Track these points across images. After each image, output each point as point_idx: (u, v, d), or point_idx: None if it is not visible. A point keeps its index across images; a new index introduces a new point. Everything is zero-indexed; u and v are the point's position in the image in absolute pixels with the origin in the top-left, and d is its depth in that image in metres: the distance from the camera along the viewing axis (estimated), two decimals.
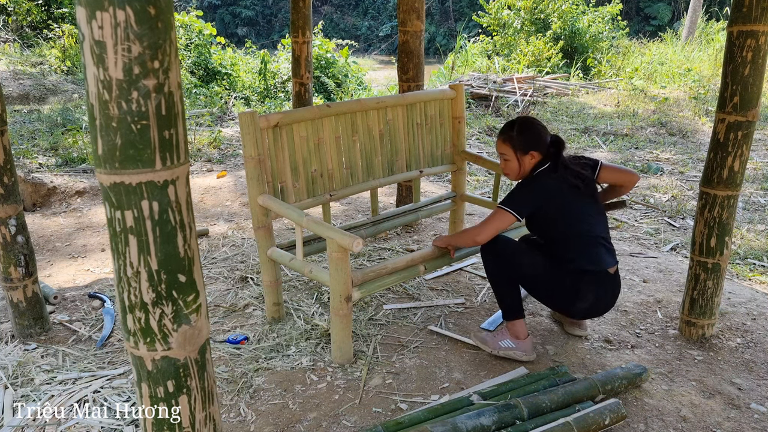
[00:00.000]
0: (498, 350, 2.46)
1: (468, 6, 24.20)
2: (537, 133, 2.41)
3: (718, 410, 2.20)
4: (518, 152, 2.41)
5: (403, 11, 3.69)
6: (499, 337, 2.48)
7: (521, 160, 2.41)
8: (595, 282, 2.32)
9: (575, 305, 2.38)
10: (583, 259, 2.33)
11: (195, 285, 1.09)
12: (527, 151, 2.39)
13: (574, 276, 2.32)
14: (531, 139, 2.39)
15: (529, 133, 2.41)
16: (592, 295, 2.34)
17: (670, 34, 13.66)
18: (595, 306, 2.40)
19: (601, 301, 2.39)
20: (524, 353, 2.44)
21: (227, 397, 2.23)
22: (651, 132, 7.51)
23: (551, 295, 2.42)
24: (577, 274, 2.32)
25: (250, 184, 2.51)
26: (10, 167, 2.48)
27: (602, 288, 2.36)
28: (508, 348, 2.45)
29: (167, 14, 0.94)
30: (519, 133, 2.41)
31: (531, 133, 2.41)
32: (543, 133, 2.42)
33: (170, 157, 0.99)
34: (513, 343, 2.44)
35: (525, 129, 2.42)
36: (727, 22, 2.37)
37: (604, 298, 2.39)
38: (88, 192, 4.73)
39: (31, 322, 2.65)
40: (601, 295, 2.37)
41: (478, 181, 5.65)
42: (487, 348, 2.49)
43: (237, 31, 25.95)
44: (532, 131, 2.41)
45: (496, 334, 2.51)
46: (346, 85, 10.08)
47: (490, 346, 2.48)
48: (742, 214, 4.63)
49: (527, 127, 2.43)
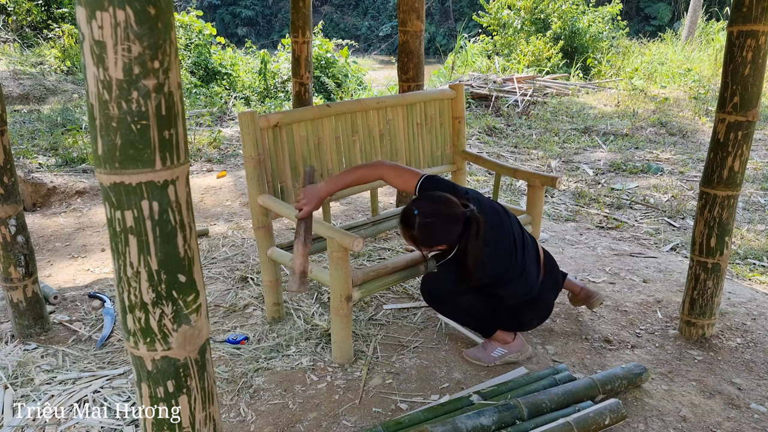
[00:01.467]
0: (493, 361, 2.46)
1: (468, 6, 24.19)
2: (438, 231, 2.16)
3: (718, 410, 2.20)
4: (423, 248, 2.29)
5: (403, 11, 3.69)
6: (490, 348, 2.48)
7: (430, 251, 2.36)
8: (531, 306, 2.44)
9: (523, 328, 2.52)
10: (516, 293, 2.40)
11: (195, 285, 1.09)
12: (433, 247, 2.26)
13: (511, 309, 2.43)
14: (433, 239, 2.20)
15: (429, 232, 2.17)
16: (534, 317, 2.49)
17: (670, 34, 13.66)
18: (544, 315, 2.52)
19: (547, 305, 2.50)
20: (518, 353, 2.46)
21: (227, 397, 2.23)
22: (651, 132, 7.51)
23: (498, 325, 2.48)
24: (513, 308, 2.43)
25: (250, 184, 2.51)
26: (10, 167, 2.48)
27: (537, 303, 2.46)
28: (502, 355, 2.46)
29: (167, 14, 0.94)
30: (419, 233, 2.17)
31: (431, 233, 2.17)
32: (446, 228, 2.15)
33: (170, 157, 0.99)
34: (504, 349, 2.46)
35: (423, 230, 2.15)
36: (727, 22, 2.37)
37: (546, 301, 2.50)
38: (88, 192, 4.73)
39: (31, 322, 2.65)
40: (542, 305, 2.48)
41: (478, 181, 5.65)
42: (482, 363, 2.47)
43: (237, 31, 25.95)
44: (433, 230, 2.16)
45: (485, 346, 2.49)
46: (346, 85, 10.07)
47: (484, 360, 2.47)
48: (742, 214, 4.63)
49: (425, 228, 2.15)
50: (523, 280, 2.37)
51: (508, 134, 7.53)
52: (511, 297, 2.40)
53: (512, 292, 2.38)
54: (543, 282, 2.45)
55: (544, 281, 2.46)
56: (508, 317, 2.44)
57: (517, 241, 2.35)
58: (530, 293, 2.40)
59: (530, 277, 2.40)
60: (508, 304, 2.42)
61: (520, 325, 2.48)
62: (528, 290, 2.39)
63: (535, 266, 2.42)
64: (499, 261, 2.29)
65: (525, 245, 2.38)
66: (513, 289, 2.38)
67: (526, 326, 2.51)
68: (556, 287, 2.56)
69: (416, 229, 2.16)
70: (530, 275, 2.40)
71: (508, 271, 2.32)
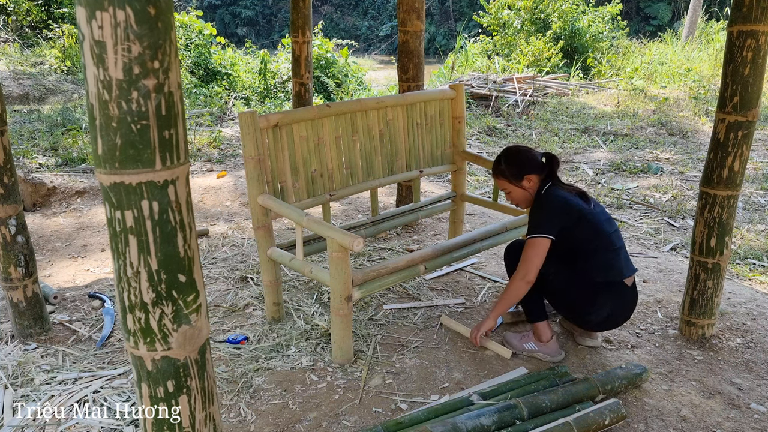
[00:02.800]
0: (522, 352, 2.50)
1: (468, 6, 24.19)
2: (524, 158, 2.44)
3: (718, 410, 2.20)
4: (514, 182, 2.44)
5: (403, 11, 3.69)
6: (525, 339, 2.51)
7: (521, 187, 2.44)
8: (612, 294, 2.34)
9: (591, 316, 2.39)
10: (602, 271, 2.33)
11: (195, 285, 1.09)
12: (522, 177, 2.42)
13: (593, 287, 2.34)
14: (520, 166, 2.42)
15: (516, 160, 2.44)
16: (608, 307, 2.36)
17: (670, 34, 13.66)
18: (612, 318, 2.41)
19: (617, 312, 2.40)
20: (548, 355, 2.46)
21: (227, 397, 2.23)
22: (651, 132, 7.51)
23: (569, 305, 2.44)
24: (595, 286, 2.33)
25: (250, 184, 2.51)
26: (10, 167, 2.48)
27: (619, 300, 2.37)
28: (532, 350, 2.48)
29: (167, 14, 0.94)
30: (507, 165, 2.45)
31: (518, 160, 2.44)
32: (531, 156, 2.44)
33: (170, 157, 0.99)
34: (536, 346, 2.47)
35: (511, 158, 2.46)
36: (727, 22, 2.37)
37: (621, 309, 2.40)
38: (88, 192, 4.73)
39: (31, 322, 2.65)
40: (618, 307, 2.38)
41: (478, 181, 5.65)
42: (511, 348, 2.51)
43: (237, 31, 25.95)
44: (519, 158, 2.44)
45: (522, 336, 2.53)
46: (346, 85, 10.08)
47: (515, 347, 2.52)
48: (742, 214, 4.63)
49: (512, 155, 2.46)
50: (617, 256, 2.32)
51: (508, 134, 7.53)
52: (601, 269, 2.32)
53: (604, 263, 2.32)
54: (630, 288, 2.37)
55: (631, 290, 2.38)
56: (586, 299, 2.34)
57: (615, 229, 2.37)
58: (622, 276, 2.32)
59: (626, 260, 2.35)
60: (594, 281, 2.32)
61: (590, 306, 2.35)
62: (620, 271, 2.32)
63: (628, 265, 2.37)
64: (594, 216, 2.31)
65: (620, 240, 2.38)
66: (605, 259, 2.32)
67: (596, 312, 2.36)
68: (632, 308, 2.43)
69: (502, 161, 2.45)
70: (626, 260, 2.36)
71: (602, 234, 2.30)
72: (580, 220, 2.31)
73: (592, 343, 2.59)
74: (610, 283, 2.34)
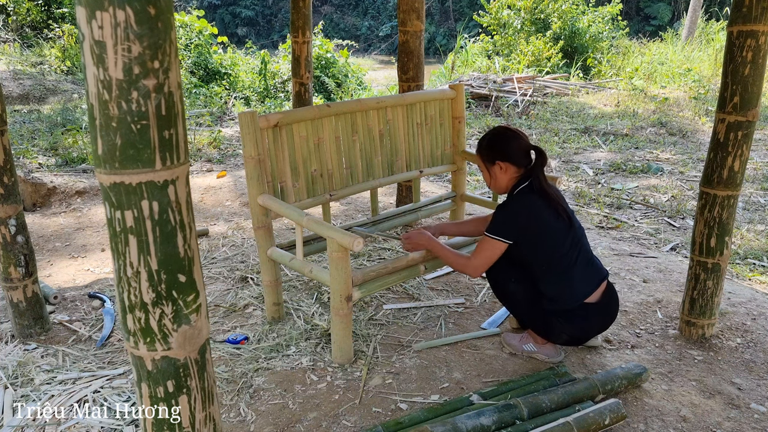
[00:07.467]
0: (521, 352, 2.50)
1: (468, 6, 24.19)
2: (504, 143, 2.28)
3: (718, 410, 2.20)
4: (486, 163, 2.33)
5: (403, 11, 3.69)
6: (524, 340, 2.51)
7: (490, 171, 2.33)
8: (569, 319, 2.28)
9: (551, 338, 2.39)
10: (553, 299, 2.27)
11: (195, 285, 1.09)
12: (494, 162, 2.29)
13: (544, 314, 2.31)
14: (497, 150, 2.28)
15: (495, 142, 2.30)
16: (566, 333, 2.31)
17: (670, 34, 13.66)
18: (576, 338, 2.37)
19: (579, 334, 2.34)
20: (547, 356, 2.45)
21: (227, 397, 2.23)
22: (651, 132, 7.51)
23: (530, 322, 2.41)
24: (547, 313, 2.30)
25: (250, 184, 2.51)
26: (10, 167, 2.48)
27: (581, 323, 2.29)
28: (531, 351, 2.48)
29: (167, 14, 0.94)
30: (487, 143, 2.32)
31: (497, 142, 2.30)
32: (515, 143, 2.28)
33: (170, 157, 0.99)
34: (535, 347, 2.47)
35: (492, 139, 2.32)
36: (727, 22, 2.37)
37: (586, 329, 2.33)
38: (88, 192, 4.73)
39: (31, 322, 2.65)
40: (579, 331, 2.32)
41: (478, 181, 5.65)
42: (511, 348, 2.53)
43: (237, 31, 25.94)
44: (498, 140, 2.30)
45: (521, 337, 2.53)
46: (346, 85, 10.08)
47: (514, 348, 2.52)
48: (742, 214, 4.63)
49: (494, 136, 2.32)
50: (569, 280, 2.25)
51: None
52: (552, 297, 2.27)
53: (556, 290, 2.26)
54: (592, 306, 2.29)
55: (595, 306, 2.29)
56: (539, 319, 2.33)
57: (574, 242, 2.25)
58: (576, 301, 2.26)
59: (587, 278, 2.28)
60: (545, 308, 2.29)
61: (547, 332, 2.34)
62: (573, 297, 2.26)
63: (585, 282, 2.28)
64: (551, 235, 2.22)
65: (580, 254, 2.27)
66: (558, 286, 2.25)
67: (554, 337, 2.35)
68: (603, 320, 2.34)
69: (485, 139, 2.32)
70: (588, 277, 2.28)
71: (556, 254, 2.22)
72: (539, 236, 2.22)
73: (592, 342, 2.59)
74: (564, 311, 2.28)
